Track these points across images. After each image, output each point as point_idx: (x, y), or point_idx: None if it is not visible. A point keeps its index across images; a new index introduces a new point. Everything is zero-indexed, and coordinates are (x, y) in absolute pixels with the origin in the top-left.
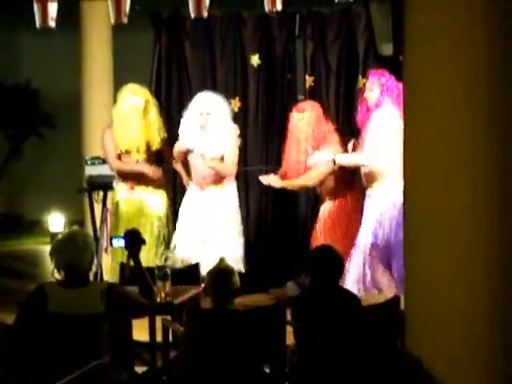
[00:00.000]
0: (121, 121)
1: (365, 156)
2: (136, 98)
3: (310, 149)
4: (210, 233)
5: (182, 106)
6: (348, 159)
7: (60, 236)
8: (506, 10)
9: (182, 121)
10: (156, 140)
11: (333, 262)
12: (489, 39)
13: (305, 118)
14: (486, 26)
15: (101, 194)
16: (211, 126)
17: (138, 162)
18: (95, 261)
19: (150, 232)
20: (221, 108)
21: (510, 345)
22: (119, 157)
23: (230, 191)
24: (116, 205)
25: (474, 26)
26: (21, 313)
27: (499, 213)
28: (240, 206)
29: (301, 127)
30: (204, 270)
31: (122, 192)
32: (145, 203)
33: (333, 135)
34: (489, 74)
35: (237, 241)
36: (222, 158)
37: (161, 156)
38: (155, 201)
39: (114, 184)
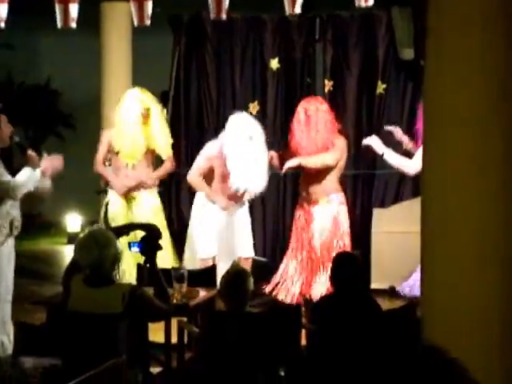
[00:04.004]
0: (119, 125)
1: (415, 164)
2: (136, 104)
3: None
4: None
5: (200, 110)
6: (397, 161)
7: (82, 234)
8: None
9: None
10: (160, 146)
11: (353, 268)
12: None
13: (325, 109)
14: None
15: None
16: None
17: (127, 166)
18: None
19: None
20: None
21: None
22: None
23: (246, 208)
24: (105, 210)
25: (497, 30)
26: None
27: None
28: (257, 211)
29: (322, 114)
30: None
31: (114, 196)
32: (135, 207)
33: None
34: None
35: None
36: None
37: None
38: (146, 202)
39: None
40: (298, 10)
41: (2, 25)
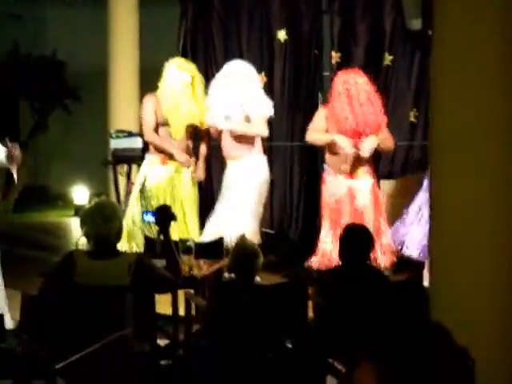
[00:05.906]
0: (168, 95)
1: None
2: (183, 73)
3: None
4: (231, 207)
5: (207, 82)
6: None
7: (88, 205)
8: None
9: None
10: (201, 117)
11: (363, 241)
12: None
13: (364, 81)
14: None
15: (125, 167)
16: (231, 87)
17: (172, 138)
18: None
19: (179, 206)
20: (242, 69)
21: None
22: (156, 127)
23: (251, 164)
24: (144, 178)
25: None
26: (48, 281)
27: None
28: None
29: (362, 87)
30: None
31: (154, 165)
32: (176, 177)
33: None
34: None
35: (254, 214)
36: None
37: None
38: (186, 173)
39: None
40: None
41: None
